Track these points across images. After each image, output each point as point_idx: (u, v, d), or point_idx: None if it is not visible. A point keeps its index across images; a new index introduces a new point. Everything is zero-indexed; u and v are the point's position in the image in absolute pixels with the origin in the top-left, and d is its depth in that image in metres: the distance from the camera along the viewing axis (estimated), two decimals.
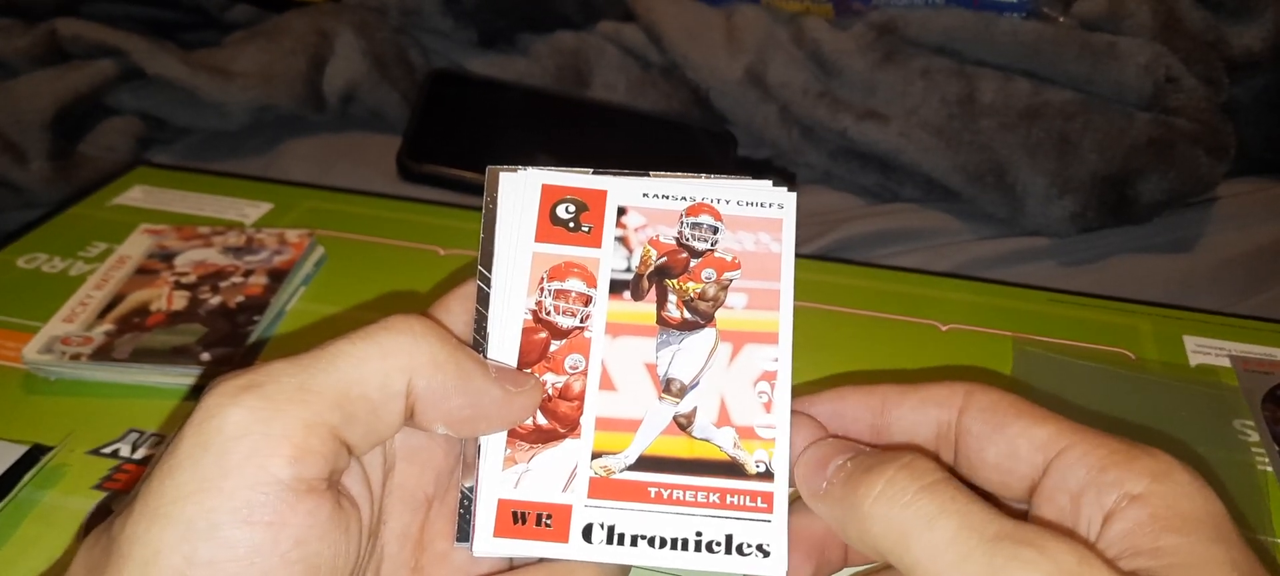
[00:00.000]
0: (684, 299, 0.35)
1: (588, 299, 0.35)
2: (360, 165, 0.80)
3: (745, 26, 0.82)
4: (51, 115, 0.77)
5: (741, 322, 0.35)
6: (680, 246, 0.36)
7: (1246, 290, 0.69)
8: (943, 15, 0.78)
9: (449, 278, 0.64)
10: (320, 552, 0.28)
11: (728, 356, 0.35)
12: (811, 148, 0.79)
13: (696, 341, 0.35)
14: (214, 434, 0.28)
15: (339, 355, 0.30)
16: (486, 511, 0.33)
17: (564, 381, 0.34)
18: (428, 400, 0.31)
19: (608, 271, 0.36)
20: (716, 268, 0.36)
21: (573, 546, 0.33)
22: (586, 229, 0.36)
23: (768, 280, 0.36)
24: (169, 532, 0.27)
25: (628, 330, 0.35)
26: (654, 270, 0.36)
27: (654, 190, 0.37)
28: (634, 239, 0.36)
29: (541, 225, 0.36)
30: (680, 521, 0.33)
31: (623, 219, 0.36)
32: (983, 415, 0.33)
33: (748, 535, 0.33)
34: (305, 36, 0.85)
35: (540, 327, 0.35)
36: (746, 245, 0.36)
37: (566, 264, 0.35)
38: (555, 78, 0.86)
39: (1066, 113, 0.73)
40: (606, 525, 0.33)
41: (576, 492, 0.33)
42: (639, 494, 0.33)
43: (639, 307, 0.35)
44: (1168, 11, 0.75)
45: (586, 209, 0.36)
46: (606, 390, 0.34)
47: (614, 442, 0.34)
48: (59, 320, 0.56)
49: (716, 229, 0.36)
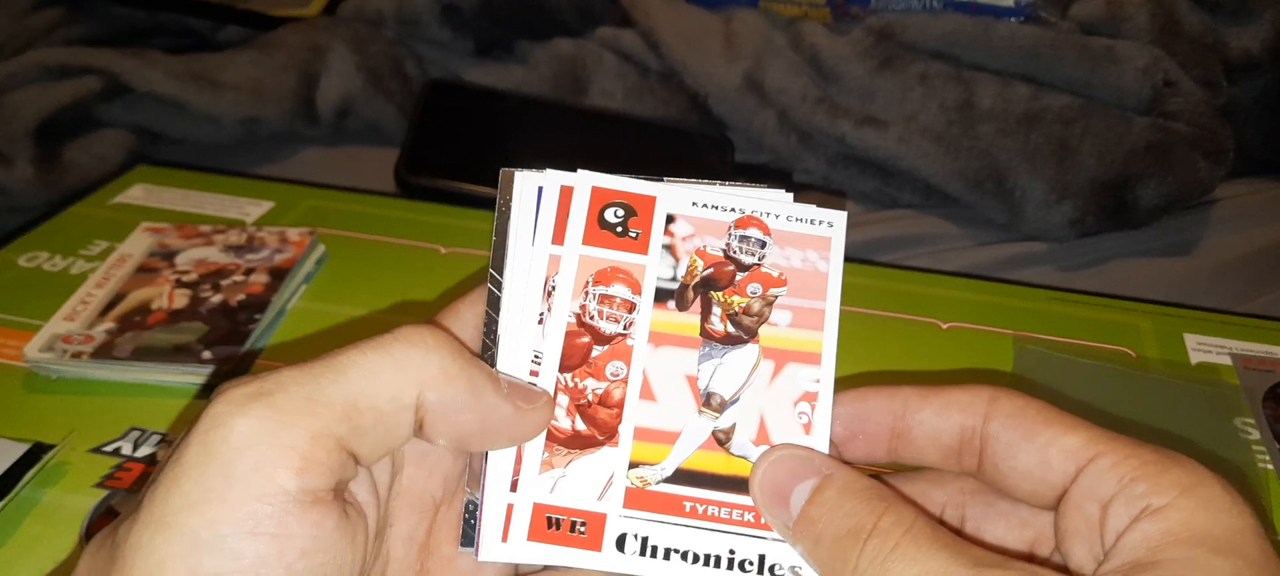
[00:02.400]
0: (728, 312, 0.35)
1: (632, 306, 0.35)
2: (357, 179, 0.79)
3: (743, 32, 0.82)
4: (35, 124, 0.77)
5: (785, 341, 0.35)
6: (727, 259, 0.35)
7: (1247, 292, 0.69)
8: (940, 20, 0.78)
9: (463, 282, 0.64)
10: (326, 564, 0.28)
11: (769, 374, 0.34)
12: (810, 153, 0.79)
13: (739, 356, 0.34)
14: (220, 443, 0.27)
15: (349, 365, 0.29)
16: (494, 519, 0.33)
17: (604, 387, 0.34)
18: (438, 414, 0.31)
19: (653, 279, 0.35)
20: (763, 283, 0.35)
21: (606, 555, 0.32)
22: (634, 234, 0.36)
23: (813, 299, 0.35)
24: (174, 543, 0.26)
25: (670, 340, 0.35)
26: (700, 281, 0.35)
27: (703, 199, 0.36)
28: (681, 248, 0.35)
29: (589, 228, 0.36)
30: (714, 538, 0.32)
31: (671, 227, 0.36)
32: (1010, 421, 0.32)
33: (781, 556, 0.32)
34: (297, 51, 0.85)
35: (583, 332, 0.34)
36: (794, 262, 0.35)
37: (613, 269, 0.35)
38: (553, 85, 0.86)
39: (1065, 117, 0.73)
40: (640, 536, 0.32)
41: (612, 501, 0.33)
42: (674, 507, 0.33)
43: (683, 318, 0.35)
44: (1166, 14, 0.76)
45: (634, 214, 0.36)
46: (646, 400, 0.34)
47: (652, 453, 0.33)
48: (60, 318, 0.56)
49: (764, 243, 0.36)
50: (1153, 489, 0.28)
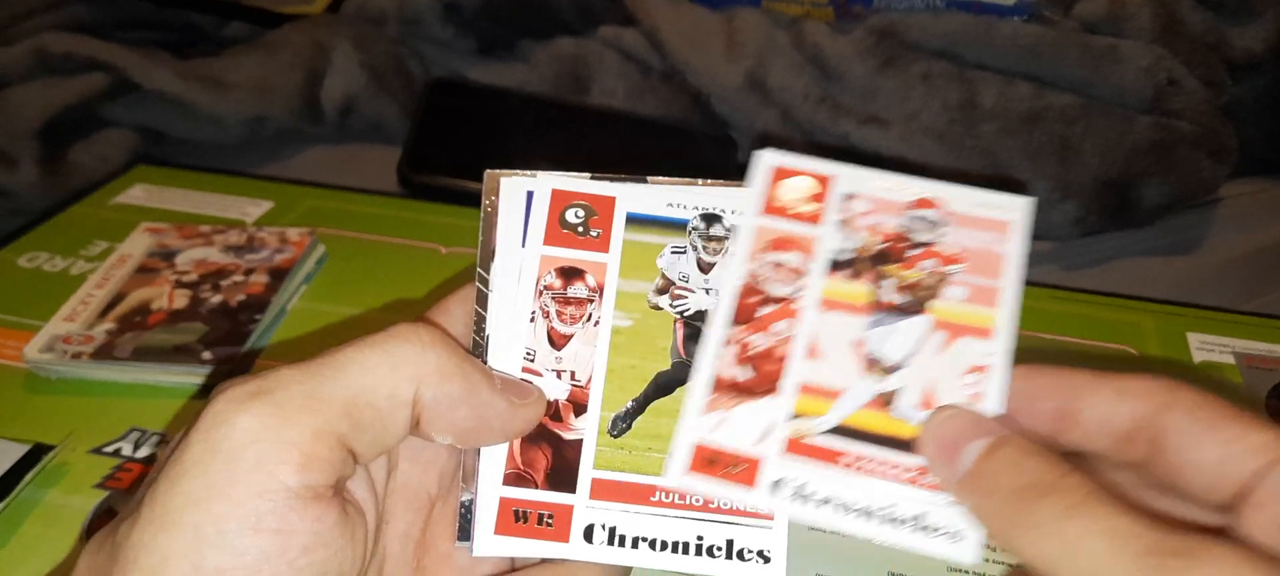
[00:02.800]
0: (902, 284, 0.35)
1: (800, 272, 0.35)
2: (360, 177, 0.79)
3: (746, 31, 0.82)
4: (40, 123, 0.77)
5: (959, 315, 0.35)
6: (902, 236, 0.36)
7: (1250, 291, 0.69)
8: (943, 19, 0.78)
9: (451, 279, 0.64)
10: (328, 559, 0.28)
11: (940, 344, 0.34)
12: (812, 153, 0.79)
13: (910, 326, 0.35)
14: (222, 440, 0.27)
15: (347, 363, 0.30)
16: (487, 513, 0.33)
17: (770, 343, 0.34)
18: (434, 410, 0.31)
19: (826, 250, 0.35)
20: (938, 259, 0.36)
21: (759, 493, 0.32)
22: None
23: (990, 277, 0.35)
24: (177, 540, 0.27)
25: (841, 306, 0.35)
26: (875, 254, 0.36)
27: (884, 184, 0.36)
28: (858, 222, 0.36)
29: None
30: (870, 489, 0.32)
31: (848, 203, 0.36)
32: (1191, 413, 0.31)
33: (939, 516, 0.32)
34: (302, 50, 0.85)
35: (753, 293, 0.35)
36: (972, 243, 0.35)
37: (785, 238, 0.35)
38: (555, 84, 0.86)
39: (1068, 116, 0.73)
40: (797, 482, 0.32)
41: (771, 446, 0.33)
42: (830, 458, 0.33)
43: (854, 287, 0.35)
44: (1168, 13, 0.75)
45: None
46: (812, 359, 0.34)
47: (814, 407, 0.33)
48: (60, 319, 0.56)
49: (939, 223, 0.36)
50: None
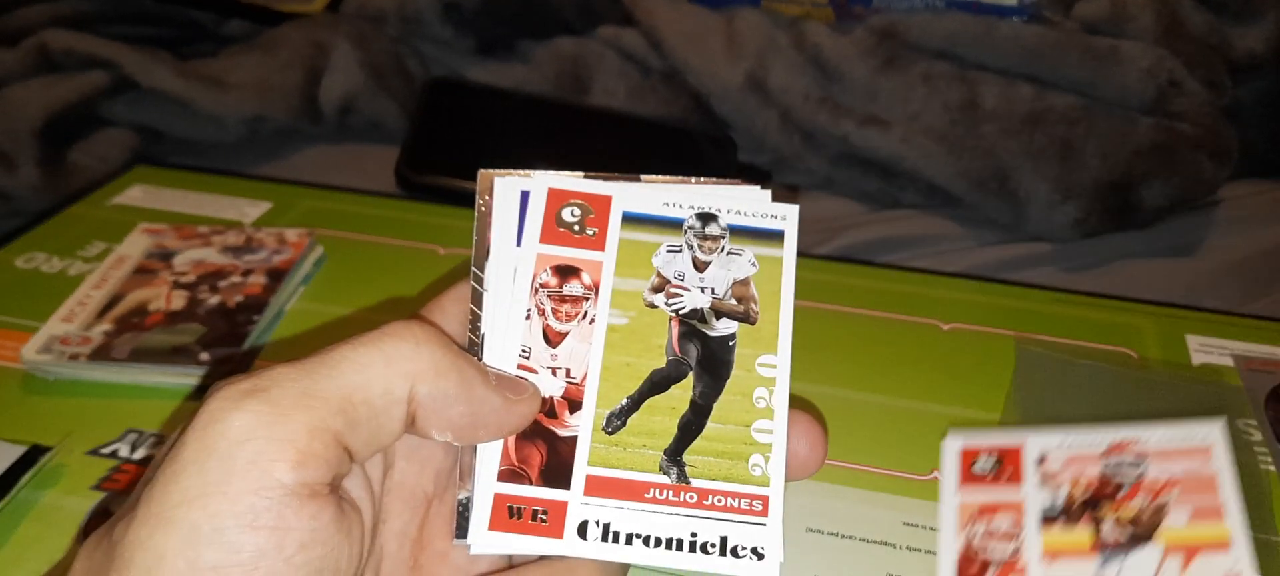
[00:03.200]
0: (1122, 520, 0.37)
1: (1015, 533, 0.39)
2: (359, 176, 0.79)
3: (746, 31, 0.82)
4: (41, 123, 0.77)
5: (1188, 536, 0.38)
6: (1107, 480, 0.39)
7: (1250, 293, 0.69)
8: (944, 20, 0.78)
9: (444, 277, 0.64)
10: (324, 556, 0.28)
11: (1178, 567, 0.37)
12: (812, 153, 0.79)
13: (1143, 556, 0.38)
14: (218, 438, 0.27)
15: (342, 361, 0.30)
16: (483, 510, 0.33)
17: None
18: (429, 407, 0.31)
19: (1036, 510, 0.39)
20: (1149, 492, 0.39)
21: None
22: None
23: (1207, 494, 0.38)
24: (173, 537, 0.26)
25: (1066, 554, 0.38)
26: (1086, 500, 0.38)
27: (1073, 440, 0.40)
28: (1060, 478, 0.39)
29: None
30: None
31: (1043, 465, 0.40)
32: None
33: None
34: (301, 49, 0.85)
35: (972, 560, 0.38)
36: (1178, 470, 0.39)
37: (992, 505, 0.40)
38: (555, 84, 0.86)
39: (1069, 118, 0.73)
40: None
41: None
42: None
43: (1073, 534, 0.38)
44: (1170, 14, 0.75)
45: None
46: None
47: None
48: (58, 320, 0.56)
49: (1141, 462, 0.39)
50: None
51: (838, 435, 0.52)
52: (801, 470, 0.35)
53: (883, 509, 0.48)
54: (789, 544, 0.35)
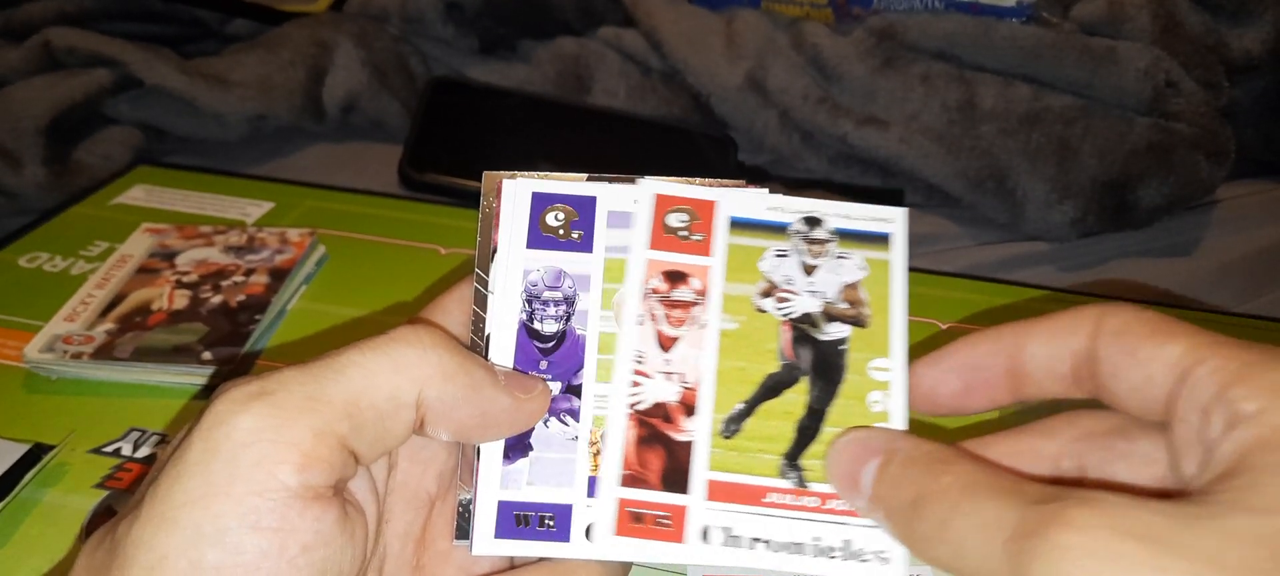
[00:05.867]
0: None
1: None
2: (362, 175, 0.80)
3: (745, 32, 0.82)
4: (47, 121, 0.77)
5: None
6: None
7: (1247, 293, 0.69)
8: (942, 20, 0.78)
9: (445, 277, 0.64)
10: (327, 558, 0.28)
11: None
12: (811, 153, 0.79)
13: None
14: (223, 440, 0.28)
15: (349, 365, 0.30)
16: (487, 512, 0.33)
17: None
18: (437, 411, 0.31)
19: None
20: None
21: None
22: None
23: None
24: (176, 537, 0.27)
25: None
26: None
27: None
28: None
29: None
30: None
31: None
32: (1115, 340, 0.30)
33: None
34: (304, 47, 0.85)
35: None
36: None
37: None
38: (556, 84, 0.87)
39: (1066, 118, 0.73)
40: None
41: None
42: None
43: None
44: (1167, 15, 0.75)
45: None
46: None
47: None
48: (60, 319, 0.56)
49: None
50: (1247, 393, 0.26)
51: None
52: None
53: None
54: None
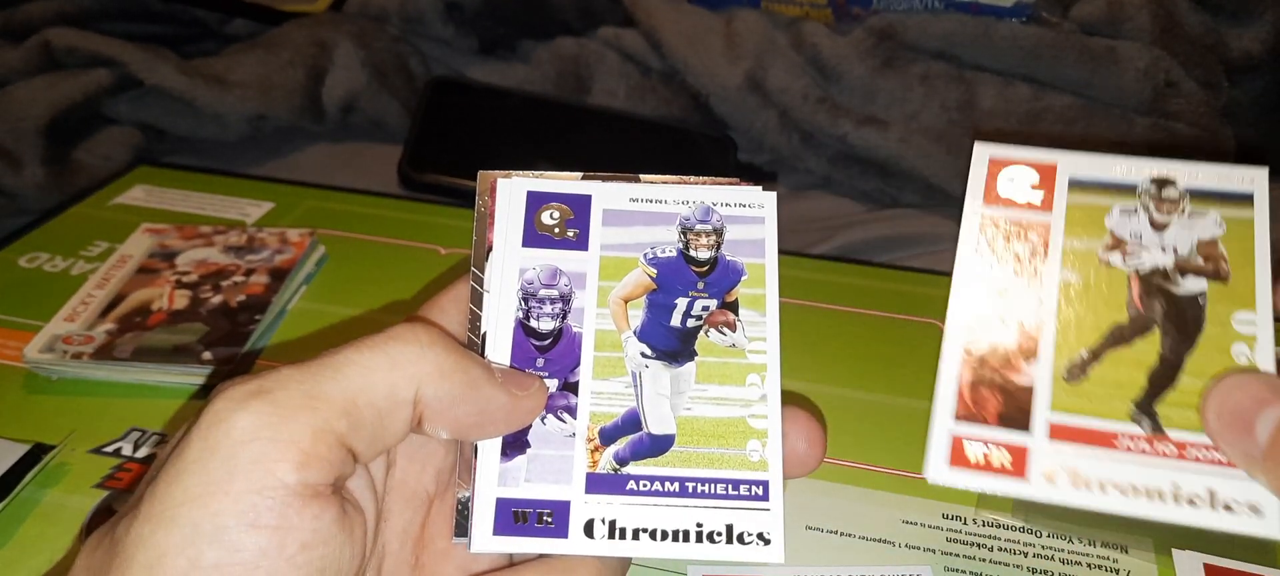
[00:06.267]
0: None
1: None
2: (361, 175, 0.80)
3: (745, 32, 0.82)
4: (46, 121, 0.77)
5: None
6: None
7: None
8: (942, 20, 0.78)
9: (441, 276, 0.64)
10: (326, 556, 0.28)
11: None
12: (811, 153, 0.79)
13: None
14: (221, 438, 0.28)
15: (347, 363, 0.30)
16: (485, 510, 0.33)
17: None
18: (435, 409, 0.31)
19: None
20: None
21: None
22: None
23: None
24: (174, 535, 0.27)
25: None
26: None
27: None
28: None
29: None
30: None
31: None
32: None
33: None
34: (304, 48, 0.85)
35: None
36: None
37: None
38: (555, 84, 0.87)
39: (1066, 118, 0.73)
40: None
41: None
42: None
43: None
44: (1167, 15, 0.75)
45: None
46: None
47: None
48: (60, 319, 0.56)
49: None
50: None
51: (836, 434, 0.52)
52: (800, 467, 0.35)
53: (881, 507, 0.48)
54: (787, 543, 0.35)
